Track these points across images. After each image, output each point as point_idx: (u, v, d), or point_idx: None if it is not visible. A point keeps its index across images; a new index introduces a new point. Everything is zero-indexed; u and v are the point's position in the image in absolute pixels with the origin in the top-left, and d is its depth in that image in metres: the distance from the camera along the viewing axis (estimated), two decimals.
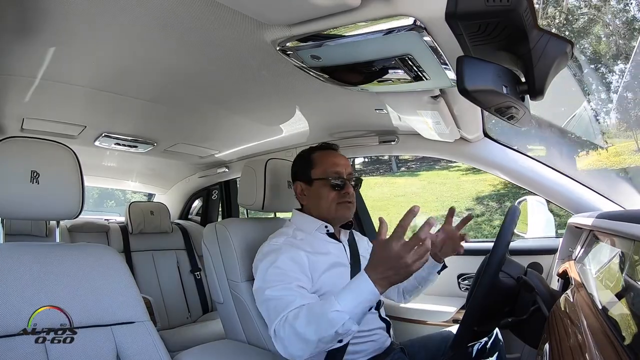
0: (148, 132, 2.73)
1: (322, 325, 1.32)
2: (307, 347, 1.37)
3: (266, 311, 1.55)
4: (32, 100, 2.03)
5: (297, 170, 1.91)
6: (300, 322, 1.38)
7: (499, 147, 2.21)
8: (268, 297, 1.54)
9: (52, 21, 1.32)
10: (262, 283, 1.59)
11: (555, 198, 2.14)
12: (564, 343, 1.02)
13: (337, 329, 1.30)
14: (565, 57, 1.01)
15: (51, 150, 1.48)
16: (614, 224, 1.24)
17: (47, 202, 1.43)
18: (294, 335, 1.38)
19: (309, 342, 1.35)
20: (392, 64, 1.31)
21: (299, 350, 1.38)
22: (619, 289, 1.06)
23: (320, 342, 1.34)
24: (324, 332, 1.32)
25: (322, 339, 1.33)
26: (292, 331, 1.38)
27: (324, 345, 1.36)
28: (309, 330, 1.35)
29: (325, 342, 1.35)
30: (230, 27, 1.27)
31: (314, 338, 1.33)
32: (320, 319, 1.34)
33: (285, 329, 1.40)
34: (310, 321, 1.36)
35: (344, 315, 1.30)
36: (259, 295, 1.60)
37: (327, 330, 1.31)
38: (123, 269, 1.52)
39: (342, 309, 1.31)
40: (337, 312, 1.31)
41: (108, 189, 5.53)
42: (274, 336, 1.45)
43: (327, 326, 1.31)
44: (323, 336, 1.32)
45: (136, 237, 3.61)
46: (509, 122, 1.26)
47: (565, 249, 2.01)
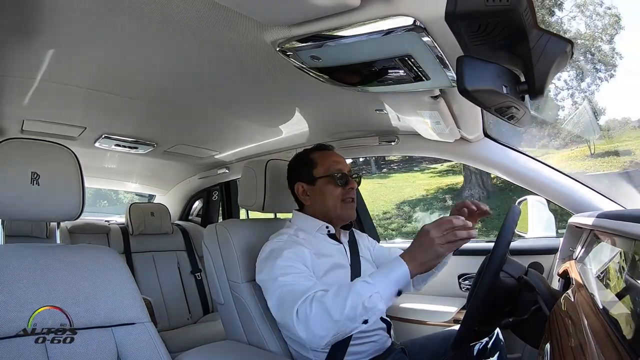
0: (148, 133, 2.74)
1: (350, 296, 1.33)
2: (331, 325, 1.35)
3: (280, 298, 1.53)
4: (32, 101, 2.02)
5: (297, 171, 1.91)
6: (328, 296, 1.38)
7: (499, 147, 2.21)
8: (282, 284, 1.53)
9: (52, 22, 1.32)
10: (270, 274, 1.59)
11: (555, 198, 2.14)
12: (564, 343, 1.02)
13: (365, 300, 1.31)
14: (565, 56, 1.01)
15: (51, 152, 1.48)
16: (614, 223, 1.23)
17: (47, 204, 1.43)
18: (320, 312, 1.36)
19: (334, 318, 1.33)
20: (392, 64, 1.31)
21: (322, 329, 1.36)
22: (620, 289, 1.06)
23: (345, 319, 1.33)
24: (350, 304, 1.32)
25: (349, 314, 1.32)
26: (318, 307, 1.37)
27: (348, 323, 1.34)
28: (335, 304, 1.34)
29: (350, 319, 1.33)
30: (230, 28, 1.27)
31: (339, 313, 1.33)
32: (348, 290, 1.35)
33: (312, 307, 1.38)
34: (338, 294, 1.37)
35: (372, 287, 1.32)
36: (269, 285, 1.59)
37: (354, 301, 1.31)
38: (123, 270, 1.52)
39: (371, 281, 1.34)
40: (366, 282, 1.34)
41: (101, 189, 5.53)
42: (295, 318, 1.41)
43: (355, 297, 1.32)
44: (350, 309, 1.32)
45: (137, 238, 3.61)
46: (509, 122, 1.26)
47: (566, 248, 2.01)
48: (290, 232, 1.80)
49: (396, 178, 16.96)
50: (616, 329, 0.91)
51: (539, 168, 2.14)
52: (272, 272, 1.59)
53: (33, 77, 1.74)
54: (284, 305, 1.50)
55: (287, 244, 1.69)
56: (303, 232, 1.81)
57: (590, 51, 14.15)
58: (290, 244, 1.69)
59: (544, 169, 2.14)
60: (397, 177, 17.12)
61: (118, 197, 5.86)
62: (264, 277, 1.64)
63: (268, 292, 1.60)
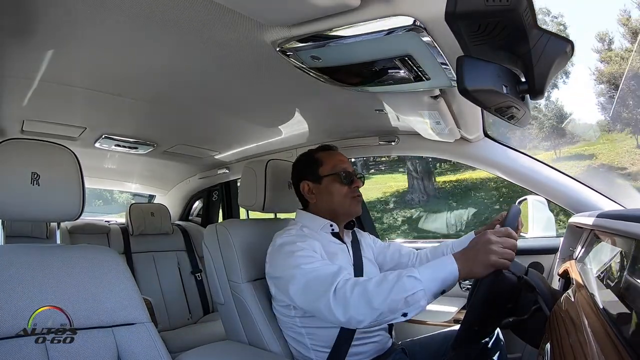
0: (148, 133, 2.73)
1: (394, 288, 1.32)
2: (370, 312, 1.34)
3: (307, 284, 1.51)
4: (32, 102, 2.02)
5: (303, 170, 1.92)
6: (372, 283, 1.37)
7: (499, 146, 2.21)
8: (306, 271, 1.53)
9: (52, 23, 1.32)
10: (289, 264, 1.59)
11: (555, 197, 2.14)
12: (565, 343, 1.02)
13: (408, 295, 1.30)
14: (565, 56, 1.01)
15: (51, 152, 1.48)
16: (614, 223, 1.23)
17: (47, 204, 1.44)
18: (361, 296, 1.36)
19: (374, 306, 1.33)
20: (392, 64, 1.31)
21: (361, 314, 1.35)
22: (620, 289, 1.05)
23: (385, 310, 1.32)
24: (394, 296, 1.31)
25: (390, 305, 1.32)
26: (360, 291, 1.37)
27: (388, 314, 1.33)
28: (378, 292, 1.34)
29: (390, 311, 1.32)
30: (230, 28, 1.27)
31: (380, 302, 1.32)
32: (394, 282, 1.34)
33: (352, 290, 1.38)
34: (382, 283, 1.36)
35: (419, 284, 1.31)
36: (290, 273, 1.57)
37: (397, 294, 1.31)
38: (124, 271, 1.52)
39: (418, 277, 1.33)
40: (412, 277, 1.33)
41: (96, 189, 5.54)
42: (332, 300, 1.39)
43: (399, 290, 1.32)
44: (392, 301, 1.31)
45: (137, 238, 3.61)
46: (509, 122, 1.26)
47: (566, 248, 2.00)
48: (296, 228, 1.80)
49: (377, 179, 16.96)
50: (616, 329, 0.91)
51: (539, 168, 2.14)
52: (291, 261, 1.59)
53: (33, 77, 1.73)
54: (313, 290, 1.48)
55: (299, 238, 1.70)
56: (308, 230, 1.81)
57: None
58: (301, 237, 1.70)
59: (544, 169, 2.14)
60: (377, 178, 17.09)
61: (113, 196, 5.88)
62: (279, 269, 1.64)
63: (290, 281, 1.56)
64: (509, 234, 1.35)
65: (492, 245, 1.31)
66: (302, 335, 1.73)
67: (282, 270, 1.62)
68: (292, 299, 1.57)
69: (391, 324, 1.87)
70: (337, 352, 1.67)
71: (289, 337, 1.78)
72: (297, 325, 1.73)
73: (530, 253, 2.27)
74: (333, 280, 1.43)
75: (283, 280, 1.61)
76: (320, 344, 1.71)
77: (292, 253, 1.61)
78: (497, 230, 1.36)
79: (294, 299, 1.56)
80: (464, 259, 1.34)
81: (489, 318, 1.43)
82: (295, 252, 1.61)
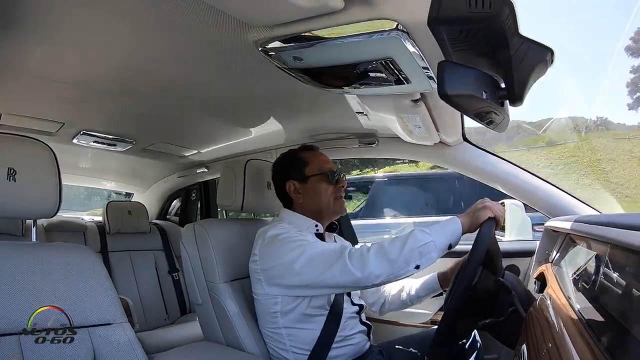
0: (127, 130, 2.70)
1: (408, 241, 1.46)
2: (388, 264, 1.45)
3: (313, 256, 1.56)
4: (10, 95, 1.99)
5: (287, 169, 1.91)
6: (385, 241, 1.51)
7: (478, 151, 2.23)
8: (312, 246, 1.60)
9: (32, 16, 1.30)
10: (289, 247, 1.62)
11: (533, 202, 2.17)
12: (540, 344, 1.03)
13: (421, 245, 1.45)
14: (545, 64, 1.03)
15: (29, 147, 1.46)
16: (590, 227, 1.25)
17: (23, 200, 1.41)
18: (378, 252, 1.48)
19: (390, 258, 1.45)
20: (373, 67, 1.31)
21: (378, 268, 1.45)
22: (594, 291, 1.07)
23: (401, 262, 1.44)
24: (408, 247, 1.45)
25: (405, 256, 1.44)
26: (376, 248, 1.49)
27: (403, 265, 1.45)
28: (393, 247, 1.47)
29: (405, 261, 1.44)
30: (212, 25, 1.26)
31: (396, 254, 1.45)
32: (406, 236, 1.49)
33: (369, 249, 1.50)
34: (395, 239, 1.50)
35: (429, 236, 1.47)
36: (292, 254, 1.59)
37: (411, 245, 1.45)
38: (100, 270, 1.50)
39: (428, 231, 1.49)
40: (423, 231, 1.49)
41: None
42: (348, 259, 1.48)
43: (412, 241, 1.46)
44: (407, 251, 1.44)
45: (114, 237, 3.56)
46: (488, 127, 1.28)
47: (542, 251, 2.03)
48: (284, 224, 1.80)
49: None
50: (591, 330, 0.93)
51: (517, 172, 2.17)
52: (290, 245, 1.62)
53: (11, 69, 1.70)
54: (323, 261, 1.54)
55: (291, 230, 1.73)
56: (293, 227, 1.81)
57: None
58: (293, 230, 1.74)
59: (522, 173, 2.16)
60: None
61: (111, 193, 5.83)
62: (276, 256, 1.64)
63: (293, 261, 1.58)
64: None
65: (486, 200, 1.57)
66: (281, 336, 1.73)
67: (281, 256, 1.62)
68: (295, 278, 1.59)
69: (370, 327, 1.88)
70: (316, 355, 1.68)
71: (268, 337, 1.78)
72: (278, 324, 1.72)
73: (507, 256, 2.28)
74: (342, 249, 1.53)
75: (282, 265, 1.61)
76: (300, 345, 1.71)
77: (290, 238, 1.64)
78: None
79: (300, 276, 1.58)
80: (464, 215, 1.54)
81: (466, 318, 1.45)
82: (293, 237, 1.65)
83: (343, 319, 1.75)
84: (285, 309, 1.70)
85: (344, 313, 1.77)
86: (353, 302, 1.86)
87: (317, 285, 1.55)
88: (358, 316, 1.86)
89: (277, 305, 1.71)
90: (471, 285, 1.38)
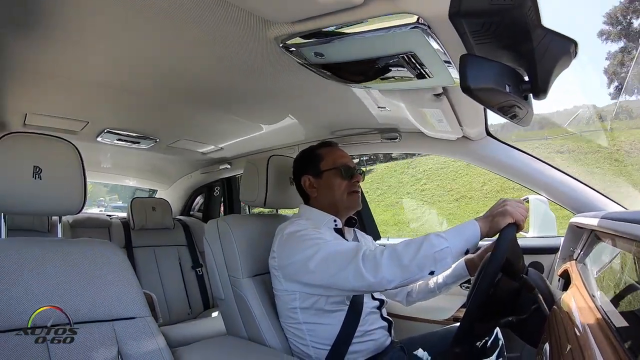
0: (150, 128, 2.74)
1: (422, 246, 1.40)
2: (401, 270, 1.41)
3: (328, 256, 1.54)
4: (35, 95, 2.03)
5: (304, 165, 1.92)
6: (400, 244, 1.45)
7: (502, 145, 2.21)
8: (327, 245, 1.57)
9: (56, 17, 1.32)
10: (305, 243, 1.61)
11: (557, 197, 2.14)
12: (563, 343, 1.02)
13: (436, 251, 1.38)
14: (568, 56, 1.01)
15: (54, 146, 1.48)
16: (615, 224, 1.23)
17: (49, 198, 1.44)
18: (391, 256, 1.42)
19: (404, 263, 1.40)
20: (395, 62, 1.30)
21: (391, 273, 1.41)
22: (620, 290, 1.06)
23: (415, 267, 1.39)
24: (422, 253, 1.39)
25: (419, 262, 1.39)
26: (390, 252, 1.43)
27: (417, 271, 1.40)
28: (407, 251, 1.41)
29: (419, 267, 1.39)
30: (233, 23, 1.27)
31: (409, 259, 1.39)
32: (421, 241, 1.42)
33: (383, 252, 1.44)
34: (409, 244, 1.44)
35: (445, 241, 1.40)
36: (308, 252, 1.58)
37: (426, 250, 1.39)
38: (125, 265, 1.52)
39: (444, 235, 1.41)
40: (439, 236, 1.41)
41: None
42: (362, 262, 1.45)
43: (427, 246, 1.40)
44: (421, 257, 1.39)
45: (138, 232, 3.61)
46: (512, 121, 1.26)
47: (567, 248, 2.00)
48: (301, 221, 1.80)
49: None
50: (615, 330, 0.91)
51: (541, 167, 2.14)
52: (307, 242, 1.61)
53: (37, 71, 1.74)
54: (338, 261, 1.51)
55: (309, 227, 1.72)
56: (312, 223, 1.81)
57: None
58: (312, 227, 1.72)
59: (546, 169, 2.13)
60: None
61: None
62: (293, 253, 1.64)
63: (309, 258, 1.57)
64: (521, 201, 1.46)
65: (507, 203, 1.44)
66: (302, 331, 1.73)
67: (296, 253, 1.62)
68: (308, 278, 1.59)
69: (390, 322, 1.87)
70: (337, 350, 1.68)
71: (289, 332, 1.78)
72: (299, 319, 1.72)
73: (530, 252, 2.26)
74: (357, 251, 1.49)
75: (298, 263, 1.61)
76: (320, 341, 1.71)
77: (307, 236, 1.63)
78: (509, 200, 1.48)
79: (311, 277, 1.58)
80: (483, 219, 1.45)
81: (488, 317, 1.43)
82: (310, 235, 1.64)
83: (363, 314, 1.75)
84: (304, 305, 1.70)
85: (365, 308, 1.76)
86: (374, 297, 1.85)
87: (331, 287, 1.54)
88: (379, 311, 1.85)
89: (295, 301, 1.71)
90: (492, 287, 1.37)
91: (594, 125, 11.71)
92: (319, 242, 1.58)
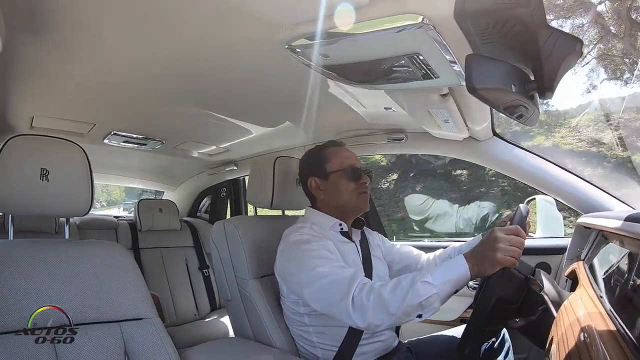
0: (156, 130, 2.74)
1: (409, 295, 1.35)
2: (387, 317, 1.38)
3: (322, 288, 1.51)
4: (42, 98, 2.04)
5: (310, 166, 1.90)
6: (387, 289, 1.39)
7: (508, 146, 2.20)
8: (321, 274, 1.52)
9: (63, 20, 1.32)
10: (303, 265, 1.58)
11: (564, 198, 2.13)
12: (571, 344, 1.01)
13: (422, 300, 1.34)
14: (574, 54, 1.01)
15: (61, 148, 1.49)
16: (623, 224, 1.23)
17: (56, 199, 1.45)
18: (377, 303, 1.38)
19: (390, 312, 1.36)
20: (400, 62, 1.30)
21: (378, 319, 1.38)
22: (628, 290, 1.05)
23: (401, 314, 1.36)
24: (408, 302, 1.34)
25: (405, 309, 1.35)
26: (376, 298, 1.39)
27: (404, 317, 1.37)
28: (393, 299, 1.36)
29: (405, 314, 1.36)
30: (238, 25, 1.27)
31: (396, 308, 1.35)
32: (407, 288, 1.36)
33: (369, 297, 1.40)
34: (396, 289, 1.38)
35: (432, 288, 1.34)
36: (304, 276, 1.57)
37: (412, 300, 1.34)
38: (132, 266, 1.53)
39: (432, 281, 1.35)
40: (426, 282, 1.35)
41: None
42: (350, 307, 1.42)
43: (413, 296, 1.34)
44: (406, 306, 1.35)
45: (145, 234, 3.62)
46: (518, 121, 1.25)
47: (574, 249, 1.99)
48: (306, 226, 1.78)
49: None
50: (623, 331, 0.91)
51: (548, 167, 2.13)
52: (306, 263, 1.58)
53: (43, 74, 1.74)
54: (330, 295, 1.49)
55: (314, 237, 1.69)
56: (318, 227, 1.80)
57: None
58: (316, 237, 1.69)
59: (553, 169, 2.13)
60: None
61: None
62: (293, 268, 1.63)
63: (305, 284, 1.56)
64: (517, 232, 1.35)
65: (499, 243, 1.32)
66: (309, 333, 1.73)
67: (296, 271, 1.61)
68: (306, 301, 1.58)
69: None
70: (344, 351, 1.67)
71: (296, 334, 1.78)
72: (305, 322, 1.72)
73: (537, 253, 2.26)
74: (350, 286, 1.45)
75: (296, 281, 1.61)
76: (328, 342, 1.71)
77: (307, 253, 1.60)
78: (506, 228, 1.37)
79: (308, 302, 1.57)
80: (473, 259, 1.36)
81: (495, 318, 1.43)
82: (311, 252, 1.60)
83: None
84: (309, 310, 1.70)
85: None
86: None
87: (328, 315, 1.54)
88: None
89: (300, 307, 1.71)
90: (501, 288, 1.36)
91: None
92: (314, 267, 1.55)
